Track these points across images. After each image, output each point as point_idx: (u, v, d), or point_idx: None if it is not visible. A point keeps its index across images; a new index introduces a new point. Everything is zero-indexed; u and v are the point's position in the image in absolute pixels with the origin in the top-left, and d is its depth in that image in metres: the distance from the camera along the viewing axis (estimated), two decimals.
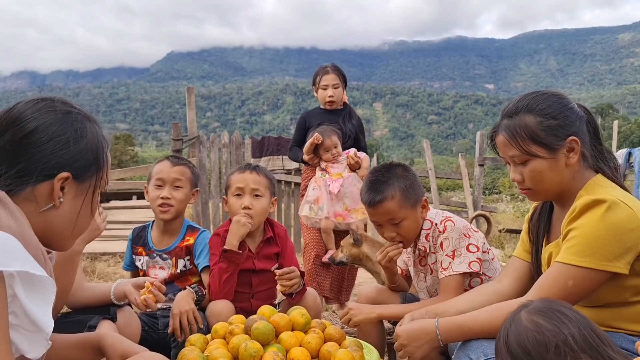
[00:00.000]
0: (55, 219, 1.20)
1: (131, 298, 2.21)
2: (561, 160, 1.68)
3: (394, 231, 2.27)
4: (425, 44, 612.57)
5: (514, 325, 1.27)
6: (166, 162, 2.66)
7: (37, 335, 1.03)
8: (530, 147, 1.68)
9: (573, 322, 1.21)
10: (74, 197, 1.22)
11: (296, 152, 4.40)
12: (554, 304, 1.27)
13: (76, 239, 1.31)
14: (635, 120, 48.80)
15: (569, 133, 1.67)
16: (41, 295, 1.03)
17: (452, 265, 2.21)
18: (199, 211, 8.54)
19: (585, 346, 1.18)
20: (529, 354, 1.21)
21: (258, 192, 2.59)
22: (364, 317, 2.21)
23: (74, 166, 1.19)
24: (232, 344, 1.77)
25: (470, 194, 10.15)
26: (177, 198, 2.59)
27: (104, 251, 7.60)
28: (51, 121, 1.17)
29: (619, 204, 1.54)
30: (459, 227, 2.25)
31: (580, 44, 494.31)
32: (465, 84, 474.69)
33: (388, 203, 2.21)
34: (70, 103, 1.24)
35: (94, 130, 1.25)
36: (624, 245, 1.52)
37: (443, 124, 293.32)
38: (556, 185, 1.72)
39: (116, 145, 45.03)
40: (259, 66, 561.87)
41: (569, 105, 1.71)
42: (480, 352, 1.62)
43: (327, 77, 4.28)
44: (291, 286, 2.42)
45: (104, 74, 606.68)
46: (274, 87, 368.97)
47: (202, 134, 8.62)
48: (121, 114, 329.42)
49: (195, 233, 2.68)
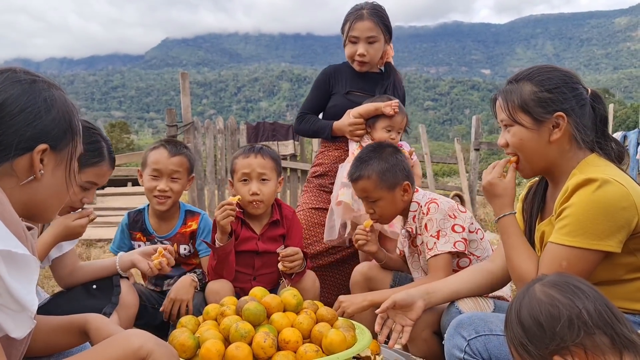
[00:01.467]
0: (38, 191, 1.19)
1: (141, 265, 2.29)
2: (544, 134, 1.69)
3: (370, 208, 2.41)
4: (422, 30, 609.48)
5: (527, 297, 1.25)
6: (163, 152, 2.58)
7: (21, 314, 1.02)
8: (517, 114, 1.71)
9: (589, 297, 1.18)
10: (54, 167, 1.21)
11: (313, 123, 3.14)
12: (570, 279, 1.24)
13: (59, 209, 1.31)
14: (631, 105, 48.72)
15: (558, 109, 1.66)
16: (24, 273, 1.01)
17: (437, 245, 2.24)
18: (195, 197, 8.52)
19: (600, 322, 1.15)
20: (540, 327, 1.19)
21: (265, 177, 2.57)
22: (356, 307, 2.24)
23: (50, 136, 1.17)
24: (223, 325, 1.77)
25: (466, 179, 10.16)
26: (175, 190, 2.58)
27: (99, 238, 7.60)
28: (19, 92, 1.15)
29: (611, 182, 1.52)
30: (443, 209, 2.28)
31: (576, 28, 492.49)
32: (461, 70, 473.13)
33: (363, 182, 2.36)
34: (32, 72, 1.22)
35: (62, 97, 1.23)
36: (615, 224, 1.50)
37: (439, 110, 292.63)
38: (539, 159, 1.73)
39: (112, 133, 44.80)
40: (254, 52, 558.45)
41: (572, 85, 1.69)
42: (472, 329, 1.65)
43: (358, 26, 2.98)
44: (292, 267, 2.42)
45: (99, 61, 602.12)
46: (269, 73, 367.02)
47: (197, 120, 8.58)
48: (116, 101, 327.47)
49: (196, 218, 2.68)
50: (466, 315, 1.74)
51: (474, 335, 1.64)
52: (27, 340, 1.14)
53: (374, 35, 2.97)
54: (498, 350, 1.62)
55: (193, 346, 1.70)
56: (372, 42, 2.98)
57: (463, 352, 1.64)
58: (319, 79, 3.20)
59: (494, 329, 1.65)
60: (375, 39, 2.99)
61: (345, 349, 1.70)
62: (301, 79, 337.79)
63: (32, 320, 1.05)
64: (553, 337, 1.17)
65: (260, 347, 1.65)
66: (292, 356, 1.68)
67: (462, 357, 1.64)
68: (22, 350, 1.12)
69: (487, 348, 1.62)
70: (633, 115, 36.54)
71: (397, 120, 2.88)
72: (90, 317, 1.49)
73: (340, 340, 1.71)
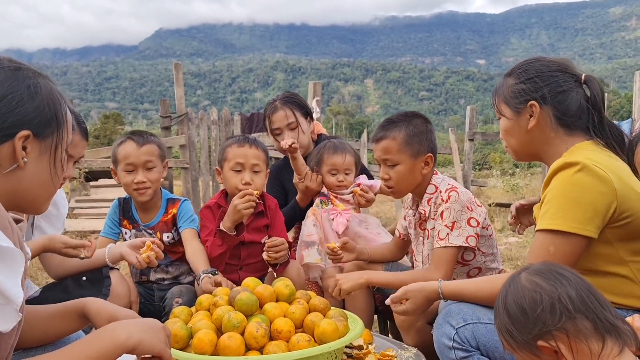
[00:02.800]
0: (23, 180, 1.17)
1: (130, 258, 2.28)
2: (523, 123, 1.75)
3: (387, 173, 2.31)
4: (416, 19, 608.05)
5: (512, 285, 1.28)
6: (131, 144, 2.56)
7: (6, 307, 1.01)
8: (500, 106, 1.81)
9: (572, 283, 1.21)
10: (38, 156, 1.19)
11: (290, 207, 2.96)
12: (554, 267, 1.27)
13: (49, 200, 1.29)
14: (625, 95, 48.87)
15: (530, 98, 1.72)
16: (9, 266, 1.01)
17: (450, 237, 2.17)
18: (189, 188, 8.51)
19: (582, 307, 1.18)
20: (524, 312, 1.22)
21: (257, 168, 2.58)
22: (353, 284, 2.20)
23: (33, 123, 1.15)
24: (215, 315, 1.77)
25: (460, 168, 10.19)
26: (152, 179, 2.57)
27: (92, 229, 7.60)
28: (1, 79, 1.13)
29: (590, 167, 1.53)
30: (463, 200, 2.20)
31: (571, 18, 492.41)
32: (456, 60, 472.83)
33: (387, 142, 2.27)
34: (17, 60, 1.20)
35: (48, 86, 1.21)
36: (593, 209, 1.51)
37: (434, 100, 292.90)
38: (522, 146, 1.81)
39: (106, 124, 44.56)
40: (248, 43, 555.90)
41: (549, 74, 1.73)
42: (460, 317, 1.66)
43: (275, 118, 3.01)
44: (277, 258, 2.43)
45: (92, 52, 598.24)
46: (264, 64, 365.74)
47: (191, 111, 8.55)
48: (110, 92, 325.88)
49: (176, 203, 2.68)
50: (455, 304, 1.75)
51: (462, 324, 1.65)
52: (17, 333, 1.13)
53: (293, 121, 2.99)
54: (486, 338, 1.63)
55: (185, 336, 1.70)
56: (294, 127, 3.00)
57: (452, 340, 1.65)
58: (271, 182, 3.11)
59: (482, 317, 1.66)
60: (295, 124, 3.00)
61: (338, 339, 1.70)
62: (296, 70, 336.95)
63: (18, 313, 1.04)
64: (536, 322, 1.20)
65: (253, 337, 1.65)
66: (285, 346, 1.68)
67: (450, 346, 1.65)
68: (12, 343, 1.12)
69: (475, 336, 1.64)
70: (627, 105, 36.65)
71: (338, 162, 2.83)
72: (89, 300, 1.48)
73: (333, 330, 1.71)
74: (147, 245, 2.27)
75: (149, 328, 1.24)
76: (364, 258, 2.55)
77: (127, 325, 1.22)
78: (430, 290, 1.82)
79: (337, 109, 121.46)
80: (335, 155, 2.85)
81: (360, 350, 1.90)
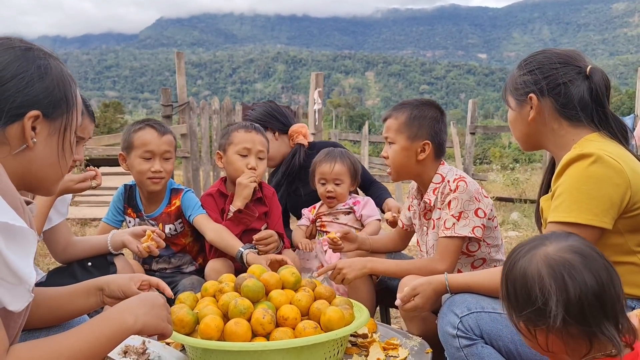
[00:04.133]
0: (33, 161, 1.17)
1: (131, 247, 2.29)
2: (525, 114, 1.77)
3: (386, 151, 2.35)
4: (418, 12, 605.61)
5: (526, 258, 1.24)
6: (152, 132, 2.53)
7: (18, 287, 1.02)
8: (507, 97, 1.84)
9: (578, 285, 1.15)
10: (48, 137, 1.18)
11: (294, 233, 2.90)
12: (572, 259, 1.19)
13: (59, 182, 1.29)
14: (626, 91, 48.74)
15: (529, 91, 1.74)
16: (22, 246, 1.01)
17: (456, 227, 2.16)
18: (190, 178, 8.50)
19: (577, 317, 1.14)
20: (515, 294, 1.23)
21: (261, 155, 2.61)
22: (357, 273, 2.21)
23: (42, 103, 1.15)
24: (222, 302, 1.77)
25: (461, 162, 10.19)
26: (168, 169, 2.56)
27: (93, 217, 7.60)
28: (11, 58, 1.13)
29: (605, 158, 1.53)
30: (471, 190, 2.19)
31: (574, 13, 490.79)
32: (457, 53, 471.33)
33: (391, 120, 2.32)
34: (28, 41, 1.20)
35: (58, 67, 1.21)
36: (609, 200, 1.51)
37: (435, 94, 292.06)
38: (525, 137, 1.83)
39: (105, 113, 44.54)
40: (250, 33, 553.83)
41: (551, 66, 1.74)
42: (464, 306, 1.68)
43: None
44: (267, 251, 2.46)
45: (92, 40, 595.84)
46: (265, 55, 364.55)
47: (193, 100, 8.52)
48: (110, 81, 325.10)
49: (179, 194, 2.68)
50: (459, 294, 1.76)
51: (466, 313, 1.66)
52: (26, 313, 1.14)
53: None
54: (489, 327, 1.64)
55: (192, 322, 1.71)
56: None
57: (456, 329, 1.66)
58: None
59: (486, 306, 1.67)
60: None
61: (344, 326, 1.71)
62: (297, 61, 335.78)
63: (29, 293, 1.05)
64: (522, 309, 1.21)
65: (260, 323, 1.66)
66: (291, 332, 1.68)
67: (454, 334, 1.66)
68: (21, 323, 1.13)
69: (479, 324, 1.65)
70: (628, 101, 36.57)
71: (325, 170, 2.73)
72: (110, 277, 1.54)
73: (339, 318, 1.72)
74: (148, 234, 2.27)
75: (152, 307, 1.29)
76: (365, 248, 2.54)
77: (133, 308, 1.26)
78: (437, 283, 1.83)
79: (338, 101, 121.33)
80: (323, 164, 2.77)
81: (365, 339, 1.91)
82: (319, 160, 2.82)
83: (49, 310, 1.45)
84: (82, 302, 1.49)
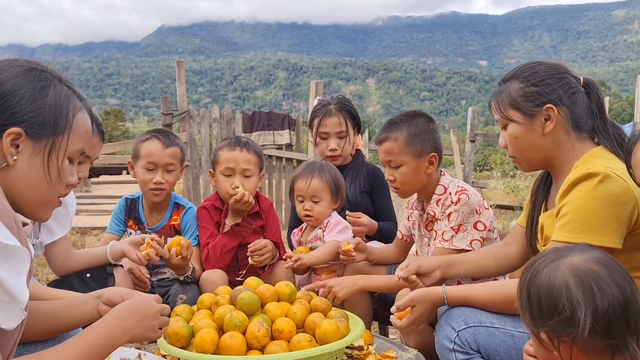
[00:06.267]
0: (15, 180, 1.16)
1: (131, 255, 2.31)
2: (537, 127, 1.70)
3: (392, 174, 2.29)
4: (419, 20, 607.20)
5: (551, 268, 1.21)
6: (157, 143, 2.56)
7: (12, 305, 1.01)
8: (508, 112, 1.74)
9: (606, 297, 1.14)
10: (31, 156, 1.16)
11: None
12: (599, 270, 1.17)
13: (47, 206, 1.26)
14: (626, 98, 48.79)
15: (547, 101, 1.68)
16: (15, 264, 1.01)
17: (454, 240, 2.16)
18: (190, 186, 8.51)
19: (603, 329, 1.12)
20: (540, 305, 1.19)
21: (248, 172, 2.57)
22: (348, 291, 2.20)
23: (28, 122, 1.14)
24: (217, 315, 1.77)
25: (461, 170, 10.19)
26: (170, 182, 2.58)
27: (93, 226, 7.60)
28: (8, 76, 1.15)
29: (612, 177, 1.51)
30: (472, 203, 2.18)
31: (574, 20, 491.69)
32: (458, 60, 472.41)
33: (389, 143, 2.25)
34: (39, 63, 1.21)
35: (62, 91, 1.21)
36: (617, 219, 1.49)
37: (436, 101, 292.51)
38: (536, 153, 1.74)
39: (106, 120, 44.62)
40: (250, 41, 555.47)
41: (558, 76, 1.70)
42: (462, 320, 1.67)
43: (327, 122, 2.88)
44: (262, 261, 2.46)
45: (94, 48, 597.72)
46: (266, 62, 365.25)
47: (193, 108, 8.54)
48: (111, 89, 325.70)
49: (181, 211, 2.68)
50: (457, 307, 1.75)
51: (463, 327, 1.65)
52: (20, 330, 1.13)
53: (343, 130, 2.88)
54: (487, 342, 1.63)
55: (187, 335, 1.72)
56: (342, 136, 2.90)
57: (452, 343, 1.65)
58: None
59: (484, 320, 1.66)
60: (345, 133, 2.89)
61: (339, 339, 1.70)
62: (297, 68, 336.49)
63: (22, 311, 1.05)
64: (547, 320, 1.18)
65: (254, 337, 1.66)
66: (286, 345, 1.68)
67: (451, 348, 1.65)
68: (15, 340, 1.12)
69: (476, 339, 1.64)
70: (629, 108, 36.58)
71: (300, 187, 2.54)
72: (109, 288, 1.55)
73: (334, 330, 1.71)
74: (147, 242, 2.29)
75: (142, 318, 1.31)
76: (372, 259, 2.51)
77: (122, 322, 1.28)
78: (435, 295, 1.78)
79: None
80: (299, 180, 2.56)
81: (361, 351, 1.90)
82: (296, 175, 2.63)
83: (44, 321, 1.45)
84: (78, 311, 1.48)
